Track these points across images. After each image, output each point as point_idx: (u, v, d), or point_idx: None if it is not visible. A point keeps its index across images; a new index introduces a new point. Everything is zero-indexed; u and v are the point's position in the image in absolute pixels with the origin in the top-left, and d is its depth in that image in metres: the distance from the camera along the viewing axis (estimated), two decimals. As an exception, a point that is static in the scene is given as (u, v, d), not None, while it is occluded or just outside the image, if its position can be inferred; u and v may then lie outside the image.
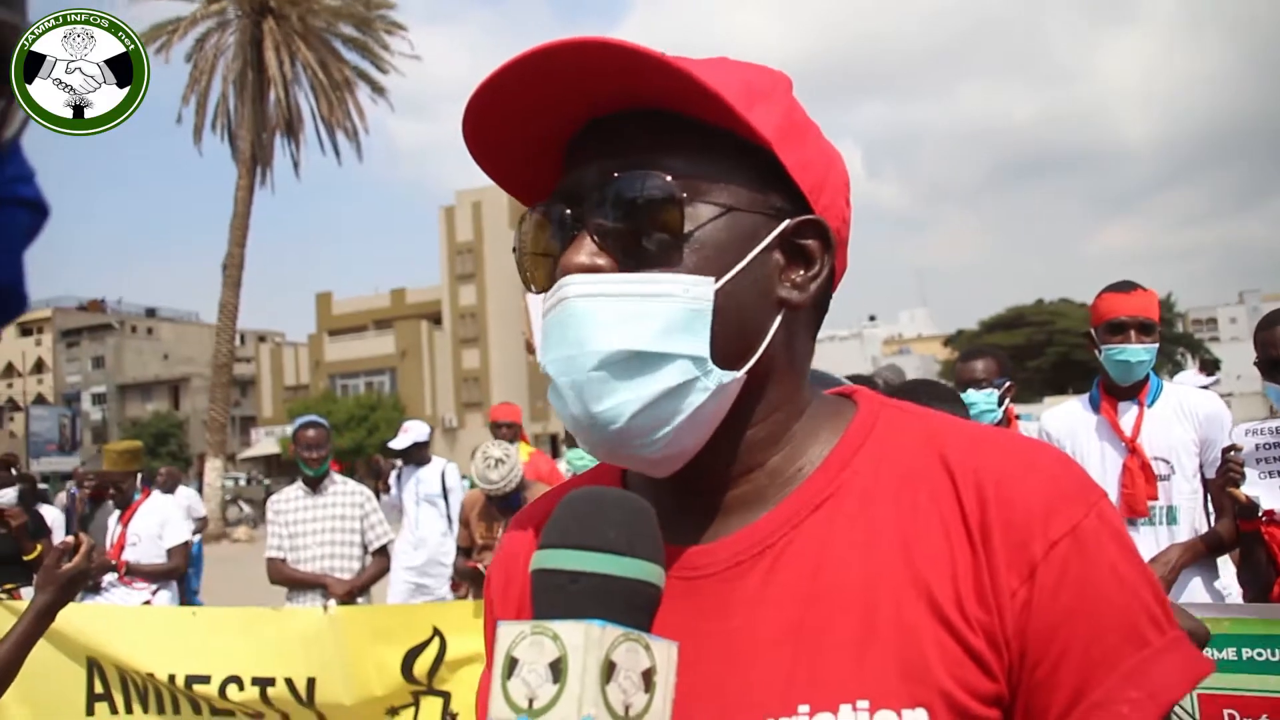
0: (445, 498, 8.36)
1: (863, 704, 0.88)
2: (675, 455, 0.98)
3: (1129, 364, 4.18)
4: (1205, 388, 6.43)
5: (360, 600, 6.32)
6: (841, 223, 1.06)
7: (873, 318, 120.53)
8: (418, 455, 8.60)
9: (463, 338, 61.89)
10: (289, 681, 4.52)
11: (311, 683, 4.57)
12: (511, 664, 0.77)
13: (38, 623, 3.03)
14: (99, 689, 4.53)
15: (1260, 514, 3.56)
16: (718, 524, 1.02)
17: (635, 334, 0.92)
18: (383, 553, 6.59)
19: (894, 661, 0.89)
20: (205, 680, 4.41)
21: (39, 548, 7.16)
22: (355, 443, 47.61)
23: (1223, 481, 3.72)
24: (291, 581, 6.34)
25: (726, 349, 0.96)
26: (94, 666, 4.55)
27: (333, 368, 64.34)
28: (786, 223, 1.01)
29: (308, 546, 6.37)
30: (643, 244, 0.95)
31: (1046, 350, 70.81)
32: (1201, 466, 4.18)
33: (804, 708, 0.90)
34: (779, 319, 1.01)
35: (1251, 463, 3.59)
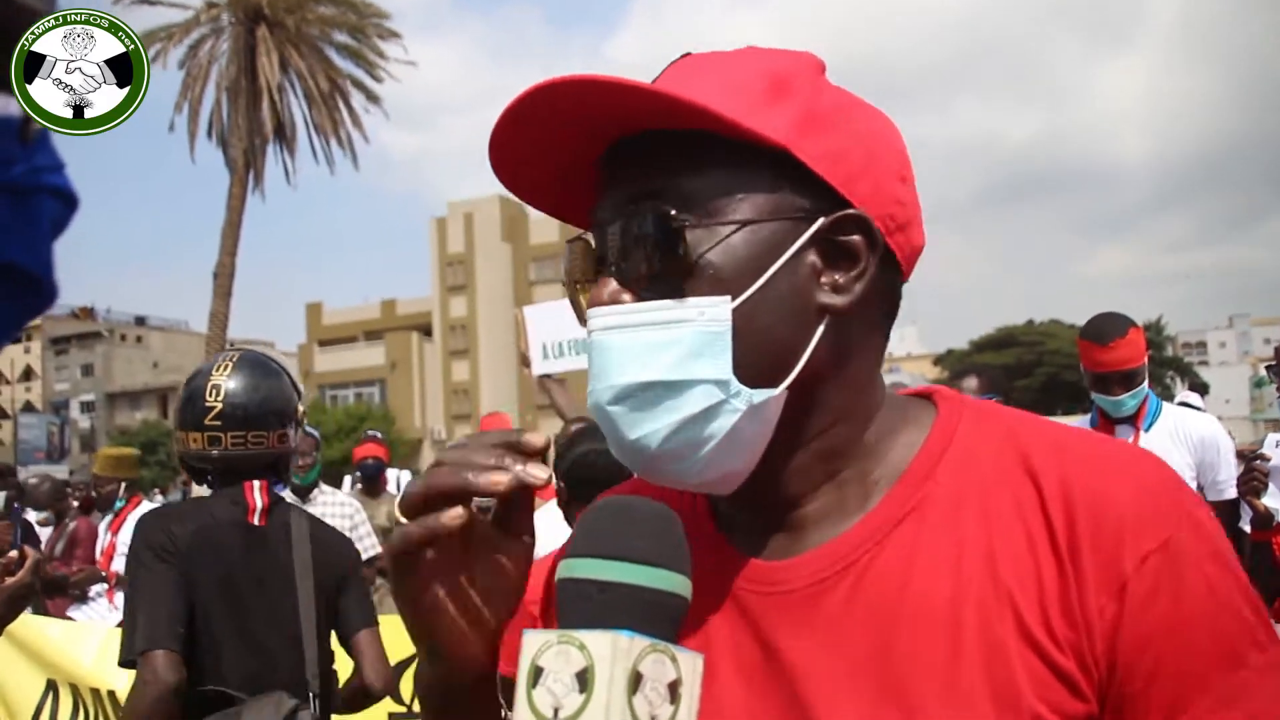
0: None
1: None
2: (723, 476, 0.95)
3: (1117, 406, 4.24)
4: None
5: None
6: (895, 204, 0.99)
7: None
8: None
9: (453, 349, 61.89)
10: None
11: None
12: (537, 673, 0.76)
13: None
14: (46, 716, 4.47)
15: (1274, 524, 3.55)
16: (798, 539, 0.99)
17: (653, 364, 0.91)
18: (369, 565, 6.55)
19: (983, 684, 0.86)
20: None
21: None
22: (344, 454, 47.54)
23: (1244, 489, 3.71)
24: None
25: (755, 367, 0.92)
26: (51, 689, 4.49)
27: (322, 378, 64.30)
28: (819, 224, 0.95)
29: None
30: (658, 275, 0.93)
31: (1036, 370, 71.05)
32: (1202, 489, 4.15)
33: None
34: (822, 327, 0.95)
35: (1276, 476, 3.57)
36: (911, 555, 0.92)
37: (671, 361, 0.90)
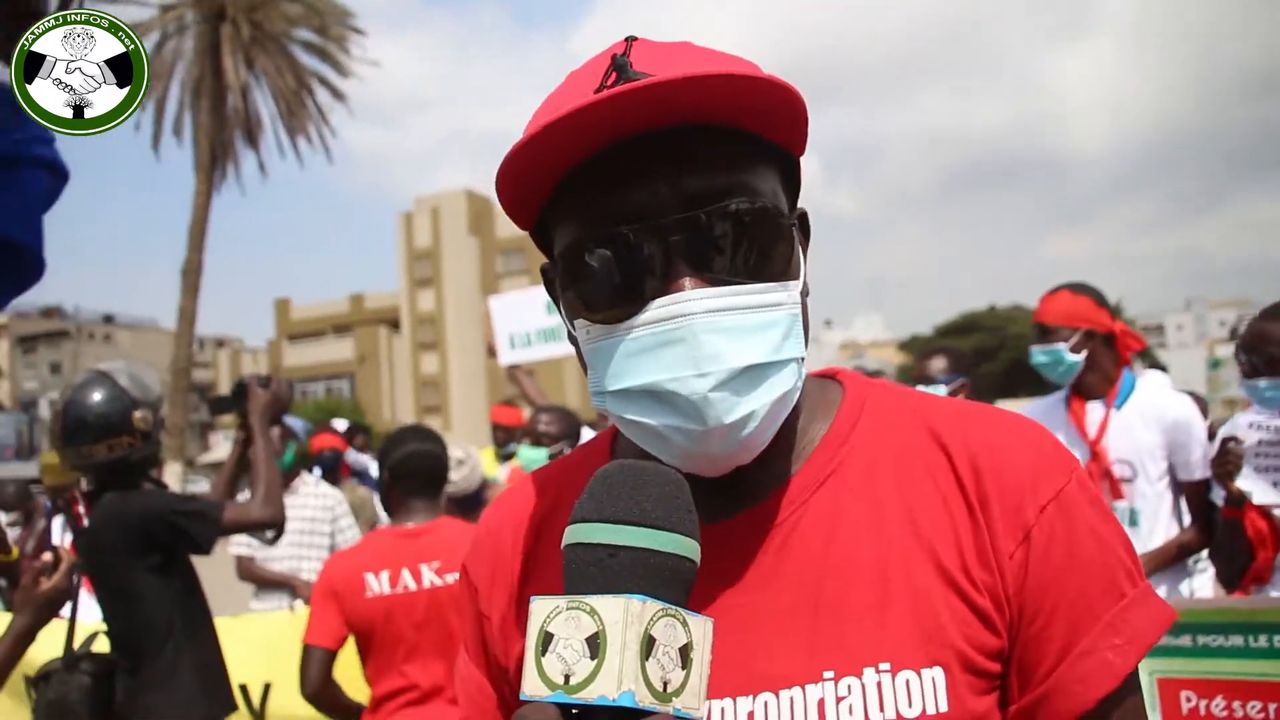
0: None
1: (885, 666, 0.93)
2: (753, 452, 0.99)
3: (1036, 365, 4.24)
4: None
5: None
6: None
7: (828, 322, 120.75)
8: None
9: (421, 343, 61.48)
10: (243, 688, 4.43)
11: (267, 689, 4.52)
12: (546, 639, 0.75)
13: (16, 646, 2.90)
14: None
15: (1244, 504, 3.53)
16: (731, 501, 1.03)
17: (760, 345, 0.94)
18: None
19: (911, 625, 0.94)
20: None
21: (15, 551, 7.04)
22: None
23: (1220, 473, 3.66)
24: (259, 579, 6.28)
25: (804, 345, 1.00)
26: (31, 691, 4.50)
27: (291, 373, 63.58)
28: (797, 214, 1.06)
29: (277, 545, 6.30)
30: (743, 263, 0.95)
31: (999, 355, 71.00)
32: (1174, 469, 4.04)
33: (829, 673, 0.94)
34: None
35: (1249, 457, 3.57)
36: (834, 516, 1.00)
37: (774, 343, 0.95)
